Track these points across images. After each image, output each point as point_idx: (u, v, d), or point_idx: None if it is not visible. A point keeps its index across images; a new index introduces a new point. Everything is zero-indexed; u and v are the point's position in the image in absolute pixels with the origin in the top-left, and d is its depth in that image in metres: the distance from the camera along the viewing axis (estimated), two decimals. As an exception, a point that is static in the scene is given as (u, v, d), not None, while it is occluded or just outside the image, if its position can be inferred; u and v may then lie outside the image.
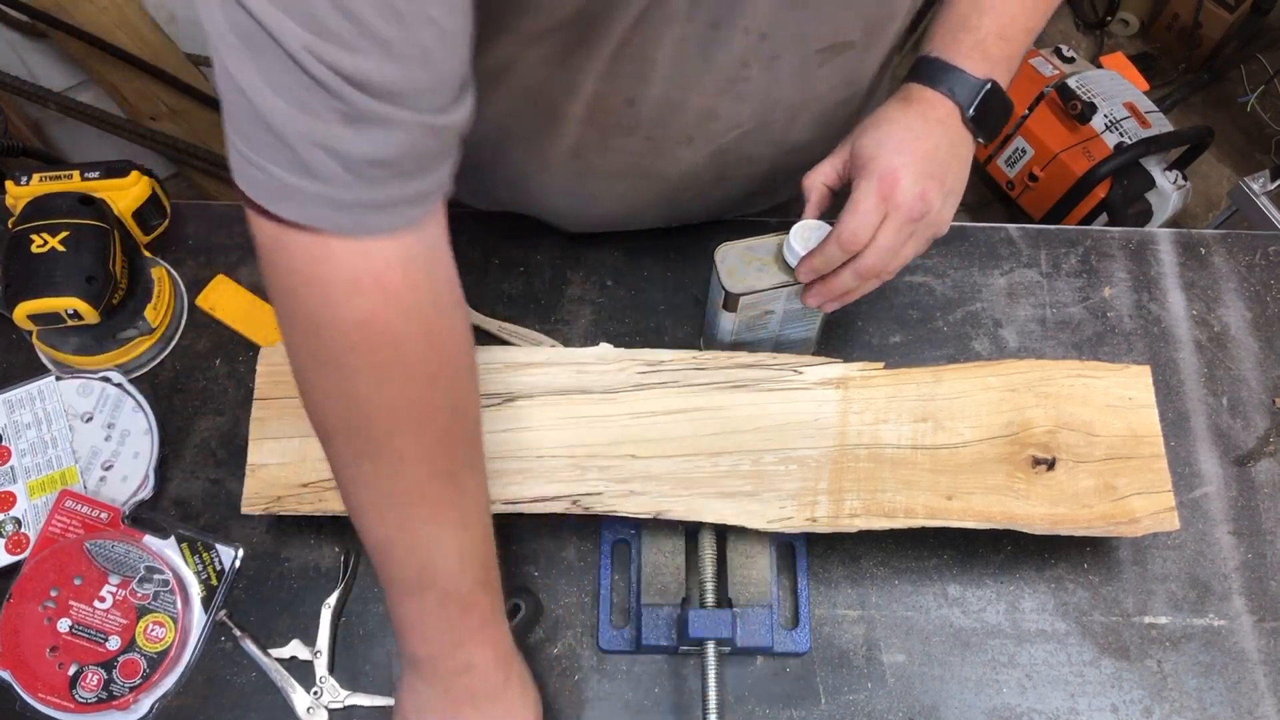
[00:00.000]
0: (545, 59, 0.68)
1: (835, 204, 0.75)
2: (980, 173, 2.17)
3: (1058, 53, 2.10)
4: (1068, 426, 0.78)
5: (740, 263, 0.76)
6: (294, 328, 0.55)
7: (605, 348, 0.81)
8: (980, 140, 0.74)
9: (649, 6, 0.62)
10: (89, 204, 0.83)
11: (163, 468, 0.84)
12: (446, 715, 0.65)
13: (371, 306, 0.52)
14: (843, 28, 0.70)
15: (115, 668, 0.75)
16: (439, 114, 0.51)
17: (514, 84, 0.72)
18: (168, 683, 0.77)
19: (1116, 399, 0.79)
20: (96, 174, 0.86)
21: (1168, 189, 1.93)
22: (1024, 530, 0.75)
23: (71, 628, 0.76)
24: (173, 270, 0.92)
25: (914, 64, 0.74)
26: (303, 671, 0.77)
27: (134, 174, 0.87)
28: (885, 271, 0.72)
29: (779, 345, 0.86)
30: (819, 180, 0.75)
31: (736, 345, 0.84)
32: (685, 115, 0.74)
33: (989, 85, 0.72)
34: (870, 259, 0.70)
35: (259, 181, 0.50)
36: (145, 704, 0.76)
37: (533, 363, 0.80)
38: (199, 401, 0.88)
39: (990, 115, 0.73)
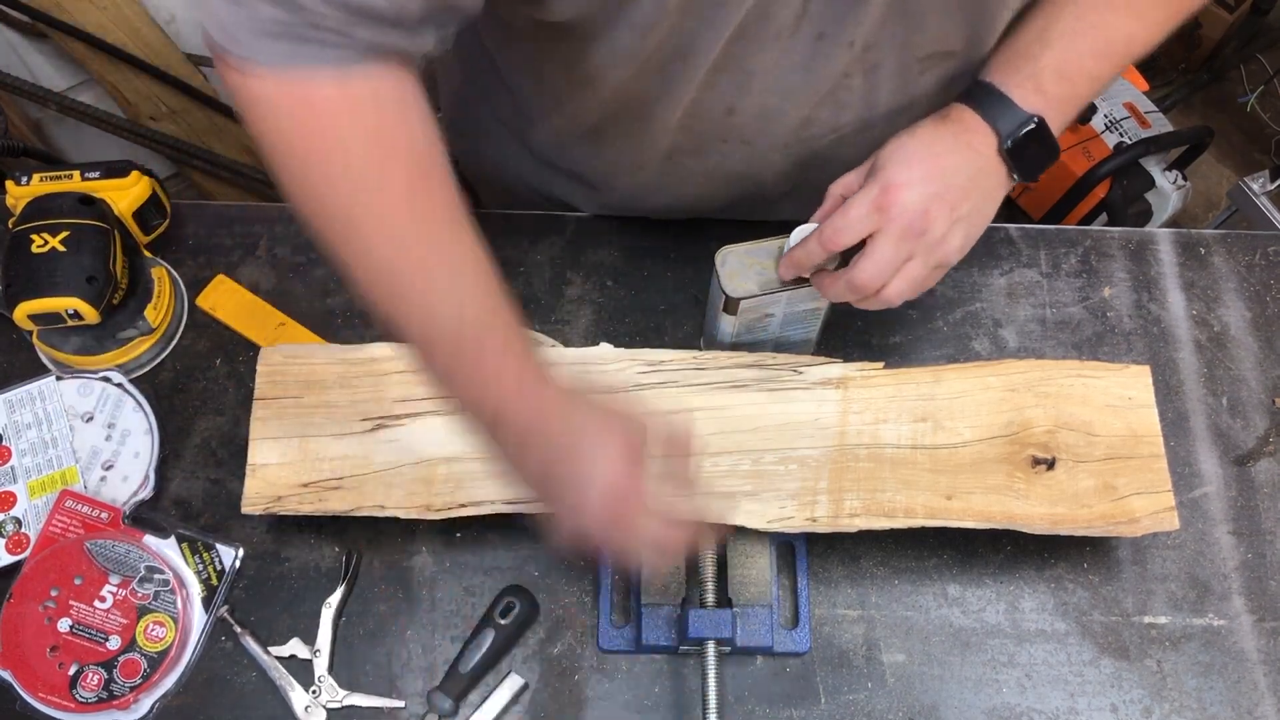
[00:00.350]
0: (642, 70, 0.69)
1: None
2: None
3: (1058, 53, 2.09)
4: (1067, 426, 0.78)
5: (741, 266, 0.76)
6: (273, 156, 0.59)
7: (605, 348, 0.81)
8: (1016, 177, 0.71)
9: (751, 20, 0.62)
10: (89, 204, 0.83)
11: (163, 468, 0.84)
12: (522, 458, 0.62)
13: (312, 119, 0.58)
14: (946, 38, 0.70)
15: (115, 667, 0.75)
16: None
17: (608, 90, 0.72)
18: (168, 682, 0.77)
19: (1116, 399, 0.79)
20: (96, 174, 0.86)
21: (1168, 189, 1.93)
22: (1024, 530, 0.75)
23: (72, 627, 0.76)
24: (173, 270, 0.92)
25: (969, 85, 0.72)
26: (302, 671, 0.77)
27: (134, 174, 0.87)
28: (883, 291, 0.69)
29: (779, 347, 0.86)
30: (838, 189, 0.72)
31: (736, 347, 0.84)
32: (784, 123, 0.74)
33: (1034, 121, 0.69)
34: (862, 274, 0.68)
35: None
36: (145, 704, 0.76)
37: (533, 363, 0.80)
38: (199, 401, 0.88)
39: (1031, 153, 0.70)
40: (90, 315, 0.81)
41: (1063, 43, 0.69)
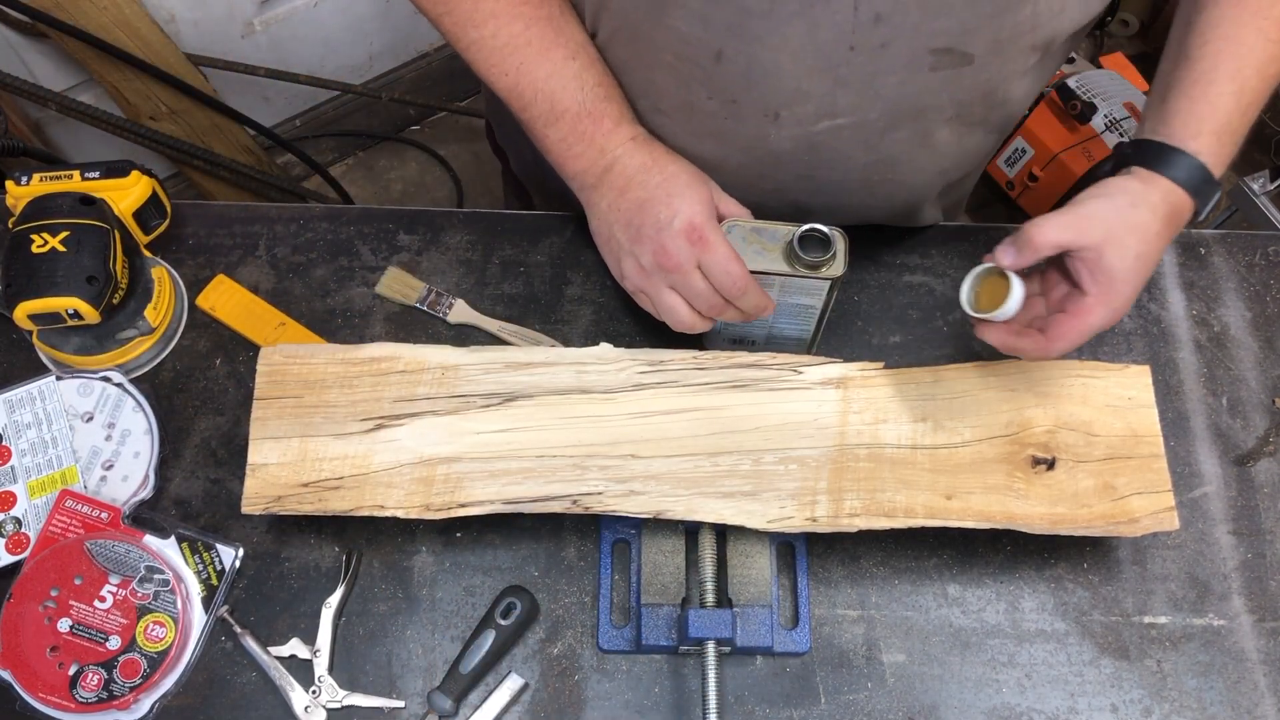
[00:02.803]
0: None
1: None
2: (980, 173, 2.16)
3: (1058, 53, 2.09)
4: (1067, 426, 0.78)
5: (743, 241, 0.76)
6: None
7: (605, 348, 0.81)
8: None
9: None
10: (89, 204, 0.83)
11: (163, 468, 0.84)
12: (619, 202, 0.76)
13: None
14: (963, 33, 0.68)
15: (115, 667, 0.75)
16: None
17: (615, 10, 0.75)
18: (168, 682, 0.77)
19: (1116, 399, 0.79)
20: (96, 174, 0.86)
21: (1168, 189, 1.93)
22: (1024, 530, 0.75)
23: (72, 627, 0.76)
24: (173, 270, 0.92)
25: (1172, 153, 0.72)
26: (302, 671, 0.77)
27: (134, 174, 0.87)
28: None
29: (772, 338, 0.86)
30: (1048, 248, 0.69)
31: (727, 332, 0.84)
32: (775, 85, 0.72)
33: (1217, 193, 0.74)
34: (1059, 346, 0.71)
35: None
36: (145, 704, 0.76)
37: (533, 363, 0.81)
38: (199, 401, 0.88)
39: (1196, 214, 0.74)
40: (90, 315, 0.81)
41: (1252, 105, 0.74)
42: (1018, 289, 0.71)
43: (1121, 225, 0.69)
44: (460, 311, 0.91)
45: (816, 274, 0.75)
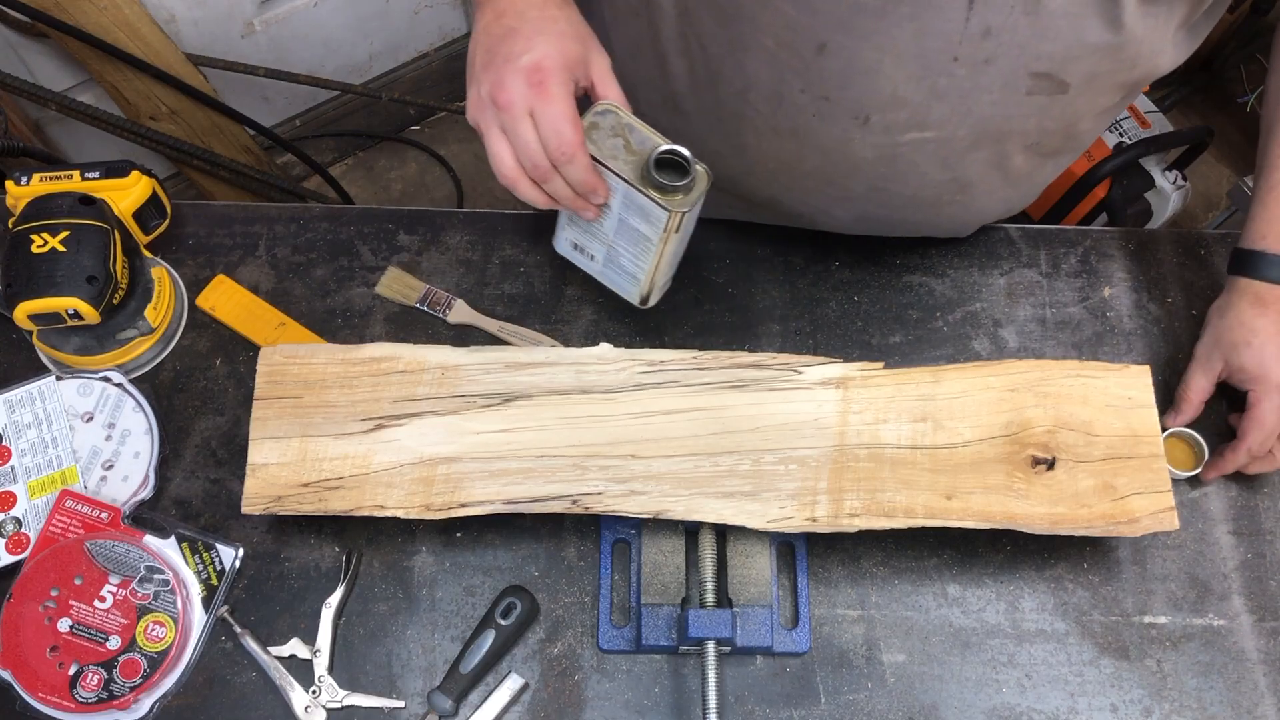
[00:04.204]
0: None
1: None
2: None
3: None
4: (1067, 426, 0.78)
5: (608, 132, 0.71)
6: None
7: (605, 348, 0.81)
8: None
9: None
10: (89, 204, 0.83)
11: (163, 468, 0.84)
12: (491, 26, 0.70)
13: None
14: (1065, 60, 0.68)
15: (115, 667, 0.75)
16: None
17: None
18: (168, 682, 0.77)
19: (1116, 399, 0.79)
20: (96, 174, 0.86)
21: (1167, 189, 1.93)
22: (1024, 530, 0.75)
23: (72, 627, 0.76)
24: (173, 270, 0.92)
25: (1253, 254, 0.82)
26: (302, 670, 0.77)
27: (134, 174, 0.87)
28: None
29: (610, 260, 0.82)
30: (1198, 394, 0.85)
31: (567, 231, 0.82)
32: (872, 87, 0.71)
33: None
34: (1261, 452, 0.83)
35: None
36: (145, 704, 0.76)
37: (533, 363, 0.81)
38: (199, 401, 0.88)
39: None
40: (90, 315, 0.81)
41: None
42: (1203, 450, 0.86)
43: (1239, 343, 0.82)
44: (460, 311, 0.91)
45: (659, 198, 0.71)
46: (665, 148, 0.70)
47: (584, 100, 0.72)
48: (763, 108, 0.76)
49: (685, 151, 0.71)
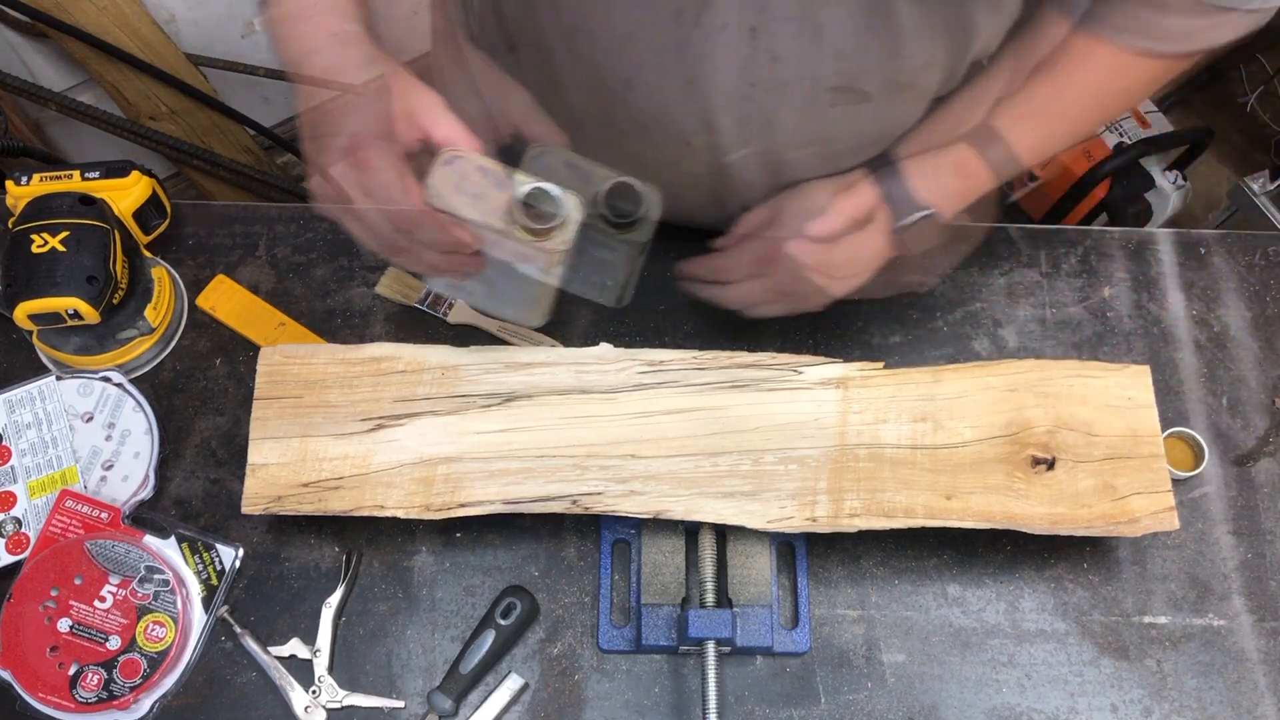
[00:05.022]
0: (555, 13, 0.69)
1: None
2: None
3: (1058, 53, 2.09)
4: (1067, 426, 0.78)
5: (465, 180, 0.64)
6: None
7: (605, 348, 0.81)
8: (900, 249, 0.77)
9: None
10: (89, 204, 0.83)
11: (163, 468, 0.84)
12: (306, 108, 0.67)
13: None
14: (859, 73, 0.70)
15: (115, 667, 0.75)
16: None
17: (534, 32, 0.74)
18: (168, 682, 0.77)
19: (1116, 399, 0.79)
20: (96, 174, 0.86)
21: (1167, 189, 1.93)
22: (1024, 530, 0.75)
23: (72, 627, 0.76)
24: (173, 270, 0.92)
25: (880, 156, 0.77)
26: (302, 670, 0.77)
27: (134, 174, 0.87)
28: (728, 301, 0.80)
29: (491, 295, 0.78)
30: (745, 224, 0.81)
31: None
32: (684, 116, 0.73)
33: (928, 212, 0.75)
34: (728, 298, 0.81)
35: None
36: (145, 704, 0.76)
37: (533, 363, 0.80)
38: (199, 401, 0.88)
39: (918, 234, 0.76)
40: (90, 315, 0.81)
41: (965, 145, 0.75)
42: (1203, 450, 0.84)
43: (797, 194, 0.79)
44: (460, 311, 0.91)
45: (531, 241, 0.65)
46: (528, 187, 0.64)
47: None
48: (598, 135, 0.79)
49: (551, 188, 0.65)
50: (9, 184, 0.86)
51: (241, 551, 0.81)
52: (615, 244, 0.71)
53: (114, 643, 0.76)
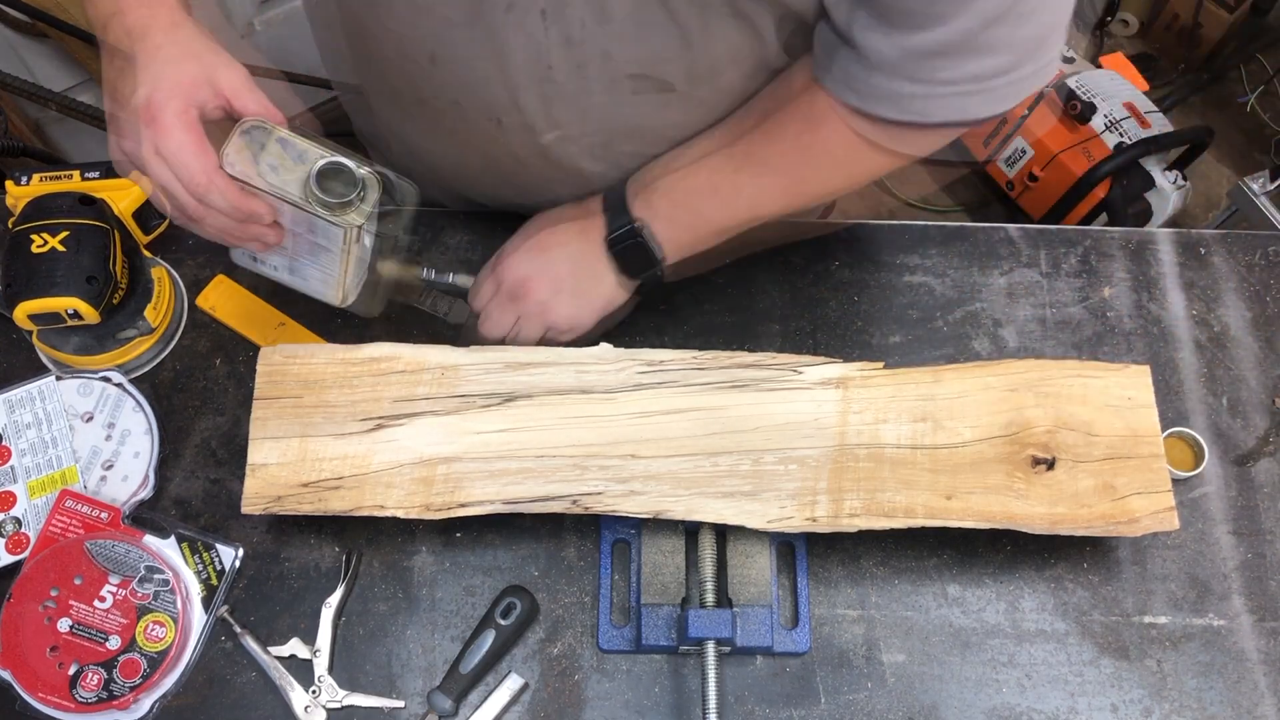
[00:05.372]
0: None
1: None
2: (980, 173, 2.17)
3: (1058, 53, 2.09)
4: (1067, 426, 0.78)
5: (262, 150, 0.64)
6: None
7: (605, 348, 0.81)
8: (625, 275, 0.79)
9: None
10: (89, 204, 0.83)
11: (163, 468, 0.84)
12: (108, 67, 0.66)
13: None
14: (657, 62, 0.70)
15: (115, 667, 0.75)
16: None
17: (343, 4, 0.74)
18: (168, 682, 0.77)
19: (1116, 399, 0.79)
20: (96, 174, 0.86)
21: (1167, 189, 1.93)
22: (1024, 530, 0.75)
23: (72, 627, 0.76)
24: (173, 270, 0.92)
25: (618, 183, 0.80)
26: (302, 670, 0.77)
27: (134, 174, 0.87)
28: (496, 338, 0.81)
29: (294, 270, 0.77)
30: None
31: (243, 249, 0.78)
32: (489, 94, 0.73)
33: (633, 224, 0.77)
34: (484, 329, 0.81)
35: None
36: (145, 704, 0.76)
37: (533, 363, 0.80)
38: (199, 401, 0.88)
39: (630, 252, 0.78)
40: (90, 315, 0.81)
41: (681, 172, 0.76)
42: (1203, 450, 0.84)
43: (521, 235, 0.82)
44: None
45: (329, 215, 0.65)
46: (325, 161, 0.64)
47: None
48: (413, 111, 0.79)
49: (348, 161, 0.65)
50: (9, 184, 0.86)
51: (241, 551, 0.81)
52: (329, 232, 0.68)
53: (114, 643, 0.76)
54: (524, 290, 0.78)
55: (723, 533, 0.79)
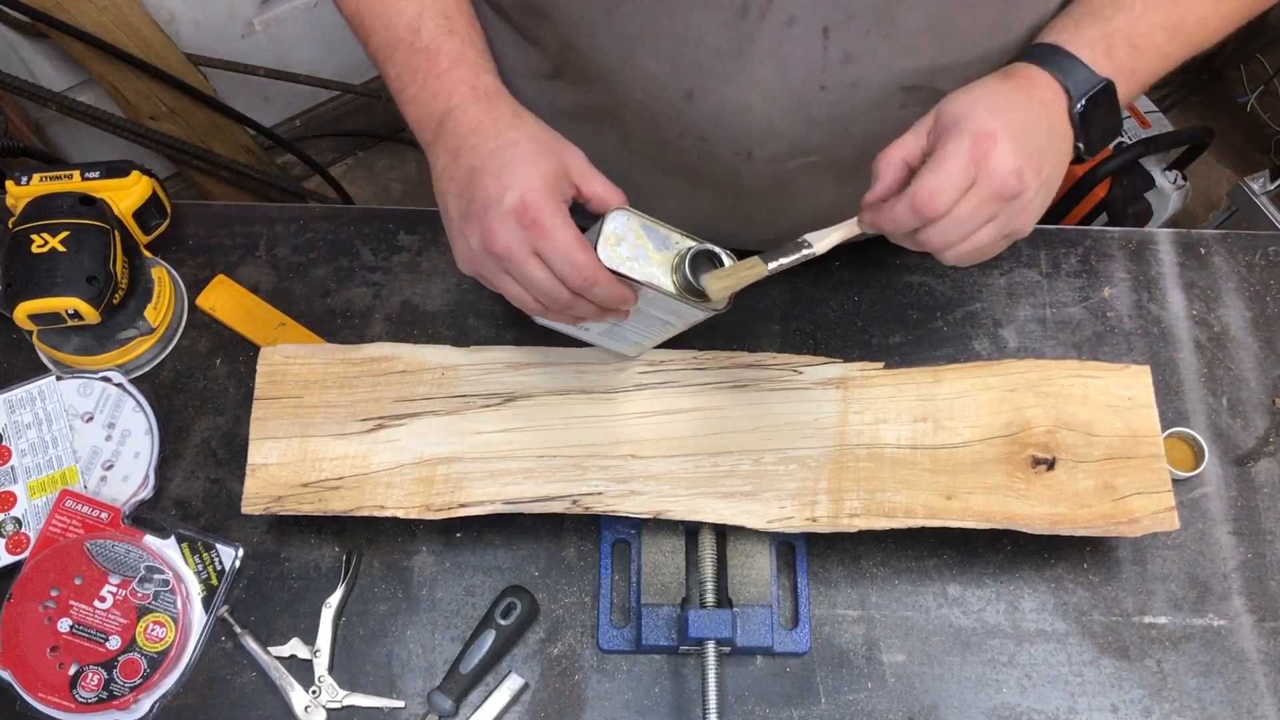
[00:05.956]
0: (611, 25, 0.66)
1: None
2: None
3: (1058, 53, 2.09)
4: (1067, 426, 0.78)
5: (627, 234, 0.65)
6: None
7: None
8: (1080, 146, 0.65)
9: None
10: (89, 204, 0.83)
11: (163, 468, 0.84)
12: (451, 168, 0.65)
13: None
14: (932, 70, 0.67)
15: (115, 667, 0.75)
16: None
17: (559, 20, 0.70)
18: (168, 682, 0.77)
19: (1116, 399, 0.79)
20: (96, 174, 0.86)
21: (1168, 189, 1.93)
22: (1024, 530, 0.75)
23: (72, 627, 0.76)
24: (173, 270, 0.92)
25: (1027, 48, 0.66)
26: (302, 671, 0.77)
27: (134, 174, 0.87)
28: (949, 250, 0.62)
29: (609, 333, 0.77)
30: (898, 155, 0.61)
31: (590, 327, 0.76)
32: (746, 125, 0.70)
33: (1104, 83, 0.63)
34: (940, 234, 0.60)
35: None
36: (145, 704, 0.76)
37: (533, 363, 0.81)
38: (199, 401, 0.88)
39: (1099, 120, 0.64)
40: (90, 315, 0.81)
41: (1137, 10, 0.65)
42: (1203, 450, 0.84)
43: (960, 90, 0.63)
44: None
45: (696, 302, 0.66)
46: (697, 248, 0.65)
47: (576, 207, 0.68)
48: (646, 153, 0.76)
49: (719, 250, 0.65)
50: (9, 184, 0.86)
51: (241, 551, 0.81)
52: (686, 313, 0.68)
53: (114, 643, 0.76)
54: (1019, 184, 0.59)
55: (723, 533, 0.79)
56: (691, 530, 0.80)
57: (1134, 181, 1.93)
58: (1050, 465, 0.77)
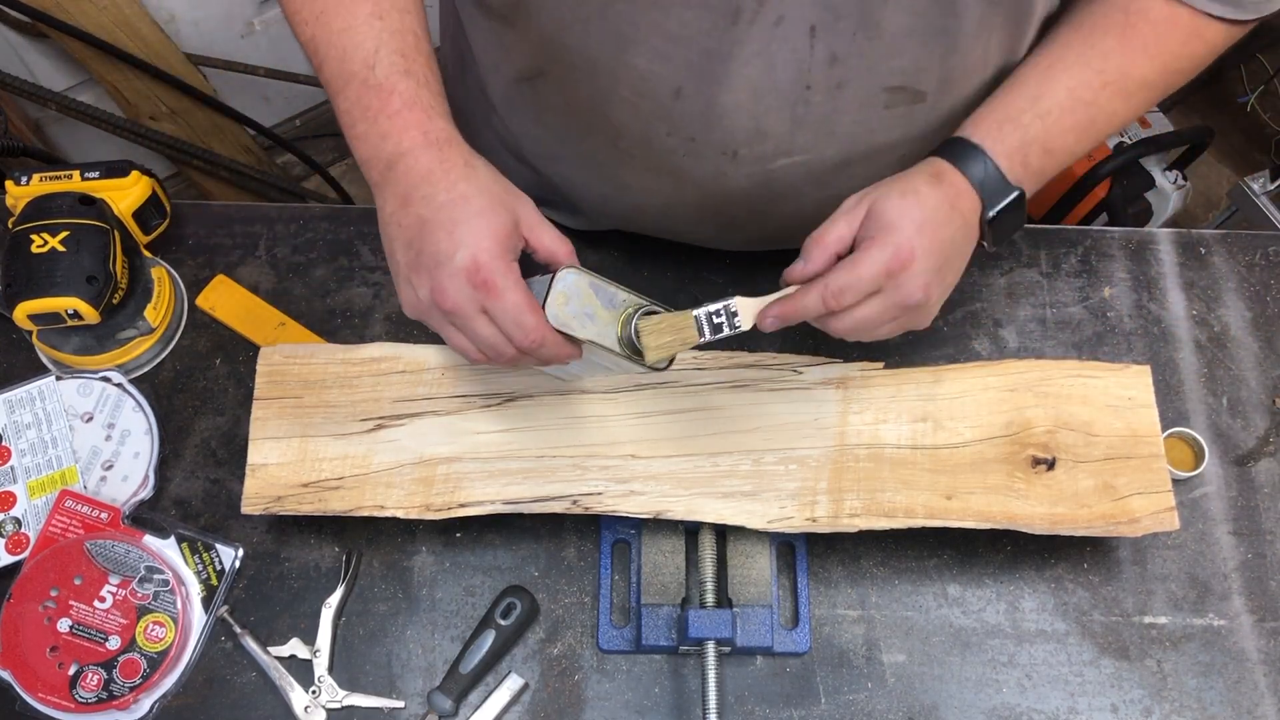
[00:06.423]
0: (604, 23, 0.66)
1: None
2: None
3: (1058, 53, 2.09)
4: (1067, 426, 0.78)
5: (574, 297, 0.65)
6: None
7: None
8: (986, 244, 0.71)
9: None
10: (89, 204, 0.83)
11: (163, 468, 0.84)
12: (400, 215, 0.63)
13: None
14: (916, 72, 0.68)
15: (115, 667, 0.75)
16: None
17: (542, 22, 0.70)
18: (168, 683, 0.77)
19: (1116, 399, 0.79)
20: (96, 174, 0.86)
21: (1168, 189, 1.93)
22: (1024, 530, 0.75)
23: (72, 627, 0.76)
24: (173, 270, 0.92)
25: (951, 139, 0.70)
26: (302, 671, 0.77)
27: (134, 174, 0.87)
28: (844, 333, 0.67)
29: (564, 371, 0.77)
30: (831, 240, 0.66)
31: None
32: (734, 124, 0.70)
33: (1017, 194, 0.68)
34: (839, 324, 0.66)
35: None
36: (145, 704, 0.76)
37: (533, 363, 0.80)
38: (199, 401, 0.88)
39: (1006, 224, 0.69)
40: (90, 315, 0.81)
41: (1054, 117, 0.68)
42: (1203, 450, 0.84)
43: (895, 191, 0.66)
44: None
45: (640, 360, 0.66)
46: (642, 309, 0.66)
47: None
48: (635, 151, 0.75)
49: (664, 309, 0.66)
50: (9, 184, 0.86)
51: (241, 551, 0.81)
52: (634, 369, 0.69)
53: (114, 643, 0.76)
54: (924, 298, 0.66)
55: (723, 533, 0.79)
56: (691, 530, 0.80)
57: (1134, 181, 1.93)
58: (1050, 465, 0.77)
